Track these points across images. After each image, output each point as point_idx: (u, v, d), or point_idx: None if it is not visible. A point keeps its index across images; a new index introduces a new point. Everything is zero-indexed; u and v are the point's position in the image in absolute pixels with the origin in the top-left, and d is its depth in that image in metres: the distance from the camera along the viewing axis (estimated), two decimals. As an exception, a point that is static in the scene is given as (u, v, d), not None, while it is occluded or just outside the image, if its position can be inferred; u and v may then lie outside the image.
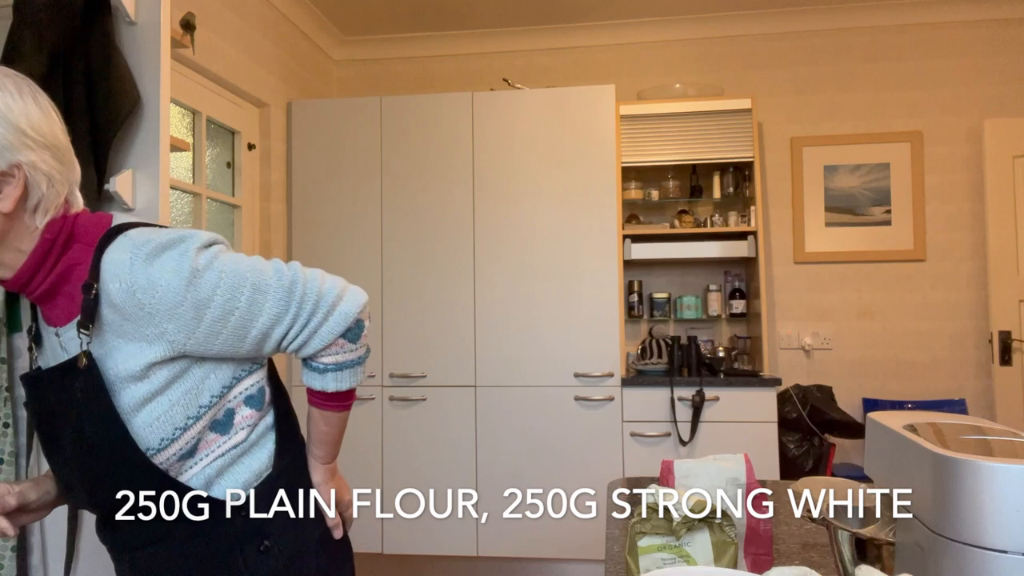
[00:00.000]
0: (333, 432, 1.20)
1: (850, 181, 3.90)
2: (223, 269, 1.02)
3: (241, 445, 1.10)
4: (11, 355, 1.64)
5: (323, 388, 1.14)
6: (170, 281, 0.98)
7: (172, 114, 2.91)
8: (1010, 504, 0.63)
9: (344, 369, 1.13)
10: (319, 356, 1.11)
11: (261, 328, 1.05)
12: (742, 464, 1.08)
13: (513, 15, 3.97)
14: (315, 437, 1.20)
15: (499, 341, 3.47)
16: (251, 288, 1.03)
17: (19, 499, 1.08)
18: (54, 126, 1.01)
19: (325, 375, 1.13)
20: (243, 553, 1.08)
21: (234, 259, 1.04)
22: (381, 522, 3.50)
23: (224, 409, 1.08)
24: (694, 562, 0.93)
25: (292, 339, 1.08)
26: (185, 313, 0.99)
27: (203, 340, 1.02)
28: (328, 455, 1.21)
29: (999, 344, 3.64)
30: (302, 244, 3.63)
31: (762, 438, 3.31)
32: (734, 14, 3.95)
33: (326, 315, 1.08)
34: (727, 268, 3.93)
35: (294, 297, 1.06)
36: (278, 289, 1.05)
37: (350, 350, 1.12)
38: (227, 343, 1.04)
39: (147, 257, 0.98)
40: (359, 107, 3.62)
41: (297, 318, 1.07)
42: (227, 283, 1.01)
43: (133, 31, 1.73)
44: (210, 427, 1.07)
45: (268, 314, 1.04)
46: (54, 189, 1.00)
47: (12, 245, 1.00)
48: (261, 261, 1.07)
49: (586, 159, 3.47)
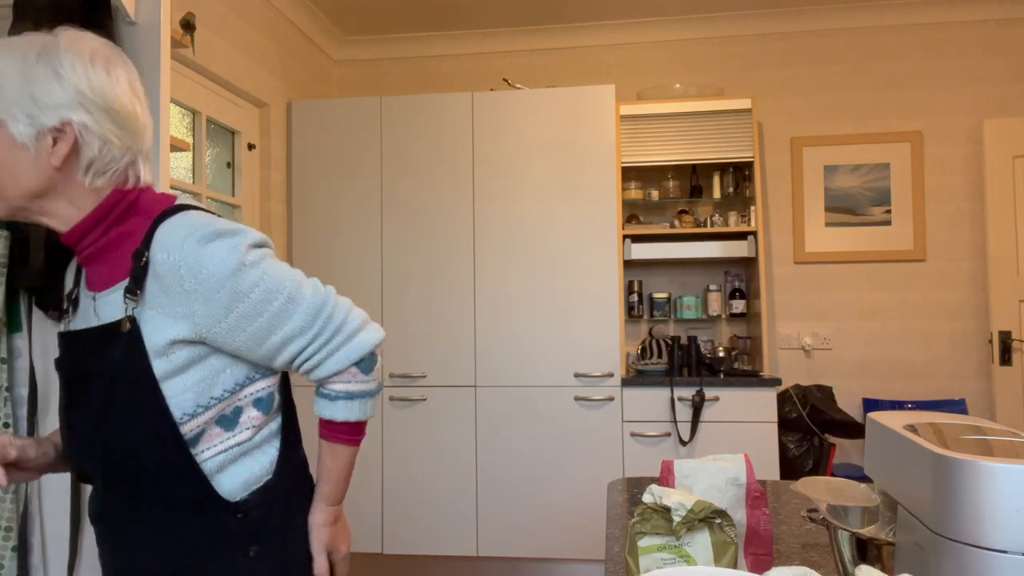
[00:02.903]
0: (340, 469, 1.18)
1: (850, 181, 3.90)
2: (267, 271, 1.05)
3: (244, 444, 1.10)
4: (11, 355, 1.64)
5: (332, 417, 1.14)
6: (216, 267, 1.01)
7: (172, 114, 2.91)
8: (1010, 504, 0.63)
9: (355, 399, 1.13)
10: (331, 382, 1.12)
11: (283, 336, 1.07)
12: (742, 464, 1.08)
13: (513, 15, 3.97)
14: (322, 474, 1.18)
15: (499, 341, 3.48)
16: (287, 296, 1.06)
17: (19, 452, 1.11)
18: (122, 94, 1.05)
19: (335, 403, 1.13)
20: (232, 554, 1.08)
21: (279, 266, 1.08)
22: (381, 522, 3.50)
23: (233, 406, 1.09)
24: (694, 562, 0.93)
25: (309, 356, 1.10)
26: (219, 300, 1.02)
27: (226, 332, 1.04)
28: (333, 494, 1.19)
29: (999, 344, 3.64)
30: (302, 244, 3.63)
31: (762, 438, 3.31)
32: (734, 14, 3.95)
33: (345, 340, 1.10)
34: (727, 268, 3.93)
35: (321, 316, 1.09)
36: (310, 305, 1.08)
37: (362, 380, 1.13)
38: (247, 342, 1.06)
39: (201, 239, 1.01)
40: (359, 107, 3.62)
41: (318, 336, 1.09)
42: (266, 285, 1.05)
43: (133, 31, 1.73)
44: (216, 420, 1.07)
45: (293, 325, 1.07)
46: (110, 153, 1.04)
47: (64, 198, 1.05)
48: (301, 275, 1.10)
49: (586, 159, 3.47)
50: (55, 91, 1.00)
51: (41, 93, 1.00)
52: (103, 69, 1.04)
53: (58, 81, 1.01)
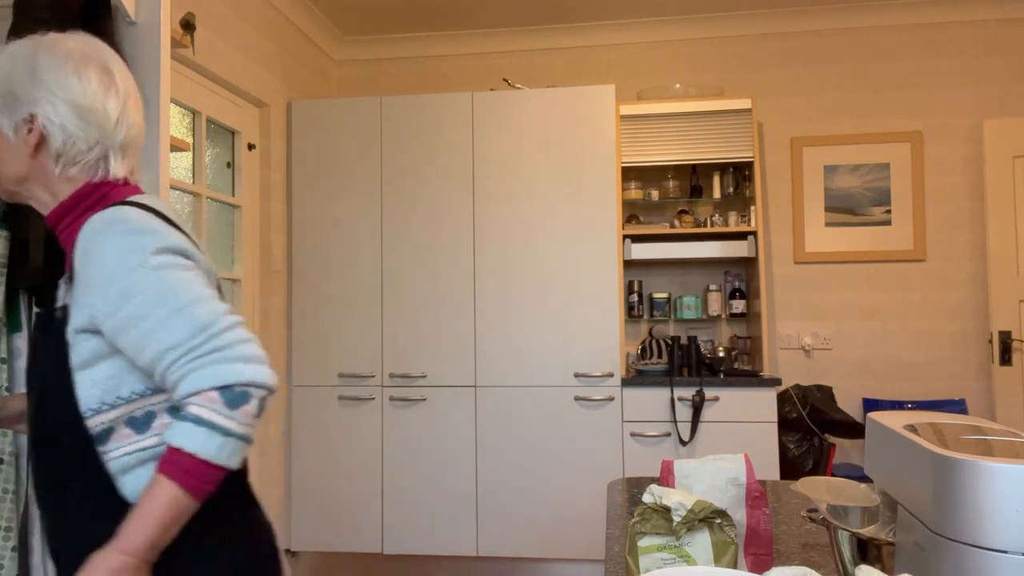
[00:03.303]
0: (153, 510, 0.97)
1: (850, 181, 3.90)
2: (166, 278, 1.03)
3: (151, 449, 1.07)
4: (11, 355, 1.64)
5: (171, 440, 0.99)
6: (113, 261, 1.03)
7: (172, 114, 2.91)
8: (1010, 504, 0.63)
9: (203, 426, 0.98)
10: (188, 403, 1.00)
11: (161, 345, 1.01)
12: (742, 464, 1.08)
13: (513, 15, 3.97)
14: (133, 510, 1.00)
15: (499, 341, 3.48)
16: (176, 307, 1.02)
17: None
18: (89, 92, 1.12)
19: (180, 425, 0.99)
20: None
21: (186, 277, 1.05)
22: (381, 522, 3.50)
23: (145, 410, 1.07)
24: (694, 562, 0.93)
25: (178, 368, 1.01)
26: (111, 295, 1.03)
27: (115, 329, 1.04)
28: (132, 539, 0.97)
29: (999, 344, 3.64)
30: (302, 244, 3.63)
31: (762, 438, 3.31)
32: (734, 14, 3.95)
33: (219, 361, 1.01)
34: (727, 268, 3.93)
35: (205, 332, 1.01)
36: (198, 320, 1.02)
37: (223, 413, 0.99)
38: (132, 345, 1.03)
39: (111, 232, 1.05)
40: (359, 107, 3.62)
41: (193, 350, 1.01)
42: (158, 291, 1.02)
43: (133, 31, 1.73)
44: (126, 421, 1.07)
45: (174, 336, 1.01)
46: (76, 146, 1.12)
47: (41, 185, 1.14)
48: (208, 297, 1.05)
49: (586, 159, 3.47)
50: (28, 87, 1.11)
51: (18, 89, 1.11)
52: (73, 69, 1.12)
53: (32, 78, 1.11)
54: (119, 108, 1.14)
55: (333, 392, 3.57)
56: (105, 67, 1.15)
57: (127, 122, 1.15)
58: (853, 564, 0.89)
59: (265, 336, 3.47)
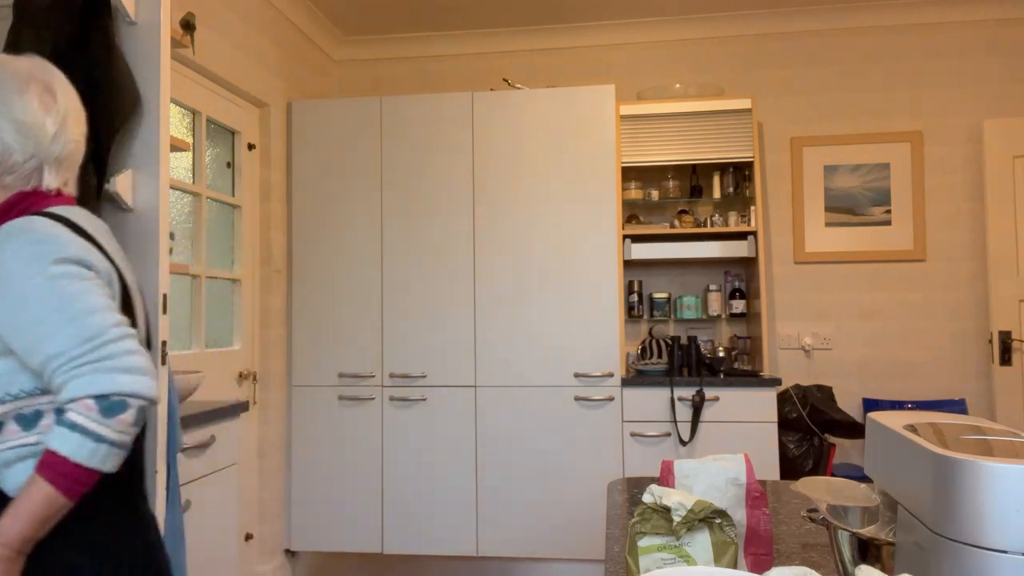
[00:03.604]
0: (28, 506, 1.04)
1: (850, 181, 3.90)
2: (62, 287, 1.09)
3: (32, 447, 1.12)
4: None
5: (48, 442, 1.05)
6: (12, 266, 1.08)
7: (172, 114, 2.91)
8: (1010, 504, 0.63)
9: (76, 432, 1.03)
10: (67, 407, 1.06)
11: (49, 351, 1.07)
12: (742, 464, 1.08)
13: (513, 15, 3.97)
14: (12, 503, 1.06)
15: (499, 341, 3.48)
16: (69, 316, 1.08)
17: None
18: (28, 109, 1.19)
19: (57, 429, 1.05)
20: None
21: (80, 288, 1.10)
22: (381, 522, 3.50)
23: (33, 408, 1.13)
24: (694, 562, 0.93)
25: (60, 372, 1.06)
26: (7, 300, 1.08)
27: (11, 332, 1.09)
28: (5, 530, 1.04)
29: (999, 344, 3.64)
30: (302, 244, 3.63)
31: (762, 438, 3.31)
32: (734, 14, 3.95)
33: (98, 371, 1.06)
34: (727, 268, 3.93)
35: (92, 342, 1.07)
36: (87, 330, 1.08)
37: (97, 420, 1.04)
38: (25, 348, 1.09)
39: (16, 241, 1.10)
40: (359, 107, 3.62)
41: (78, 357, 1.06)
42: (52, 299, 1.08)
43: (133, 31, 1.73)
44: (15, 417, 1.12)
45: (63, 342, 1.07)
46: (11, 156, 1.18)
47: None
48: (100, 307, 1.10)
49: (586, 159, 3.47)
50: None
51: None
52: (16, 87, 1.20)
53: None
54: (56, 125, 1.22)
55: (333, 392, 3.57)
56: (48, 86, 1.23)
57: (64, 138, 1.23)
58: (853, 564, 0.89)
59: (265, 336, 3.47)
